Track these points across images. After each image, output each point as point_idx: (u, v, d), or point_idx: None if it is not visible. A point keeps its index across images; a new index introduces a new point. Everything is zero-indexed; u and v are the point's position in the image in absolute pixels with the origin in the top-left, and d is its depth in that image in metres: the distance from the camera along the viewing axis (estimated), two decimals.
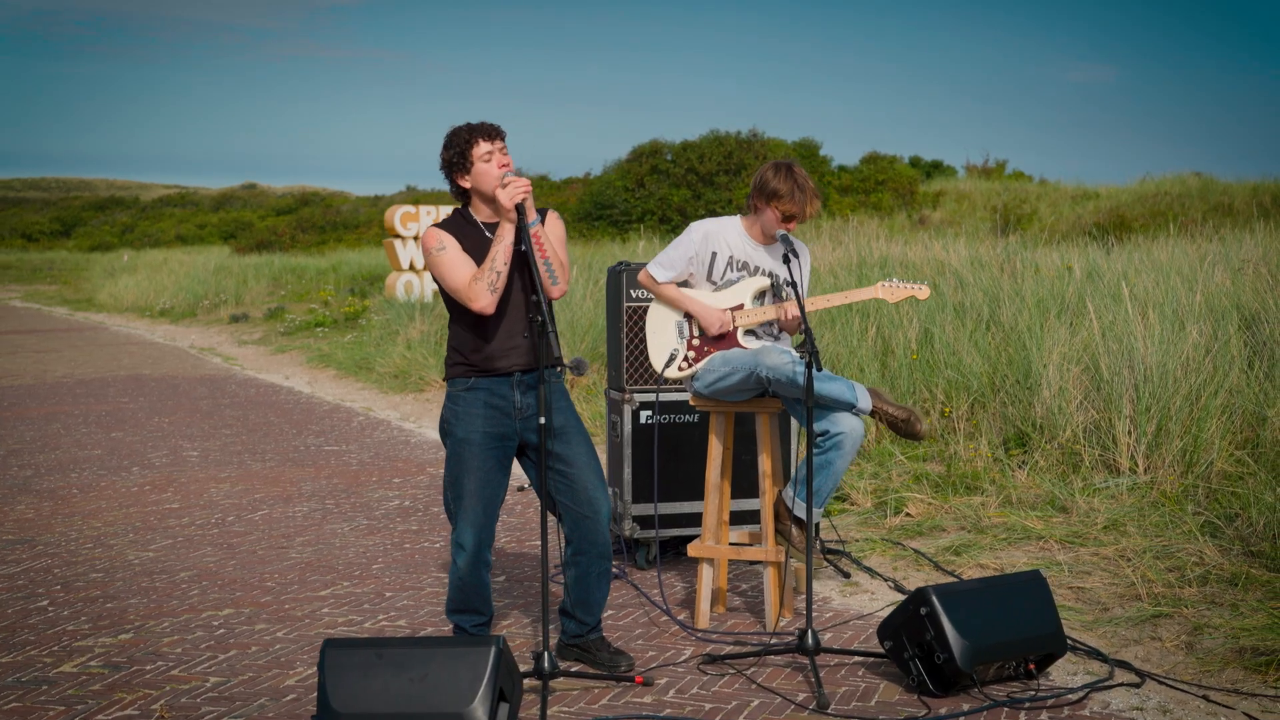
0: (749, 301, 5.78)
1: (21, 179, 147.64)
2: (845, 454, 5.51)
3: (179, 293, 26.65)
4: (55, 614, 6.20)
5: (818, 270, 13.14)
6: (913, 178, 35.58)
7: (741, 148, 34.57)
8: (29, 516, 8.30)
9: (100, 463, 10.06)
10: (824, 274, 12.97)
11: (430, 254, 5.03)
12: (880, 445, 8.62)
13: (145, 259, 36.55)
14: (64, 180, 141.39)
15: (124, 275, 31.50)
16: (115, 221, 67.14)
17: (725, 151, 34.26)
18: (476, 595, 5.25)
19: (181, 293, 26.61)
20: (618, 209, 33.52)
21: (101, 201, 78.62)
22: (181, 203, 73.60)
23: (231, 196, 74.03)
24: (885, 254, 14.26)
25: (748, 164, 34.12)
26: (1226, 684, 5.06)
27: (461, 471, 5.10)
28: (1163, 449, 7.52)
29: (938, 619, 4.88)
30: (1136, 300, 9.12)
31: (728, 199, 33.18)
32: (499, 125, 5.08)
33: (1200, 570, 6.13)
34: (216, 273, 28.04)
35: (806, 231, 18.14)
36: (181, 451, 10.50)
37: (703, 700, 4.95)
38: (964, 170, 39.41)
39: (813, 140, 36.70)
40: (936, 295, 10.80)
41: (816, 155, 36.28)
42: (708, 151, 34.25)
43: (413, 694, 4.26)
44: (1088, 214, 30.53)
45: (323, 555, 7.18)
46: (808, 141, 36.66)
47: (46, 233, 67.71)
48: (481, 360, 5.08)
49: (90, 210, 73.74)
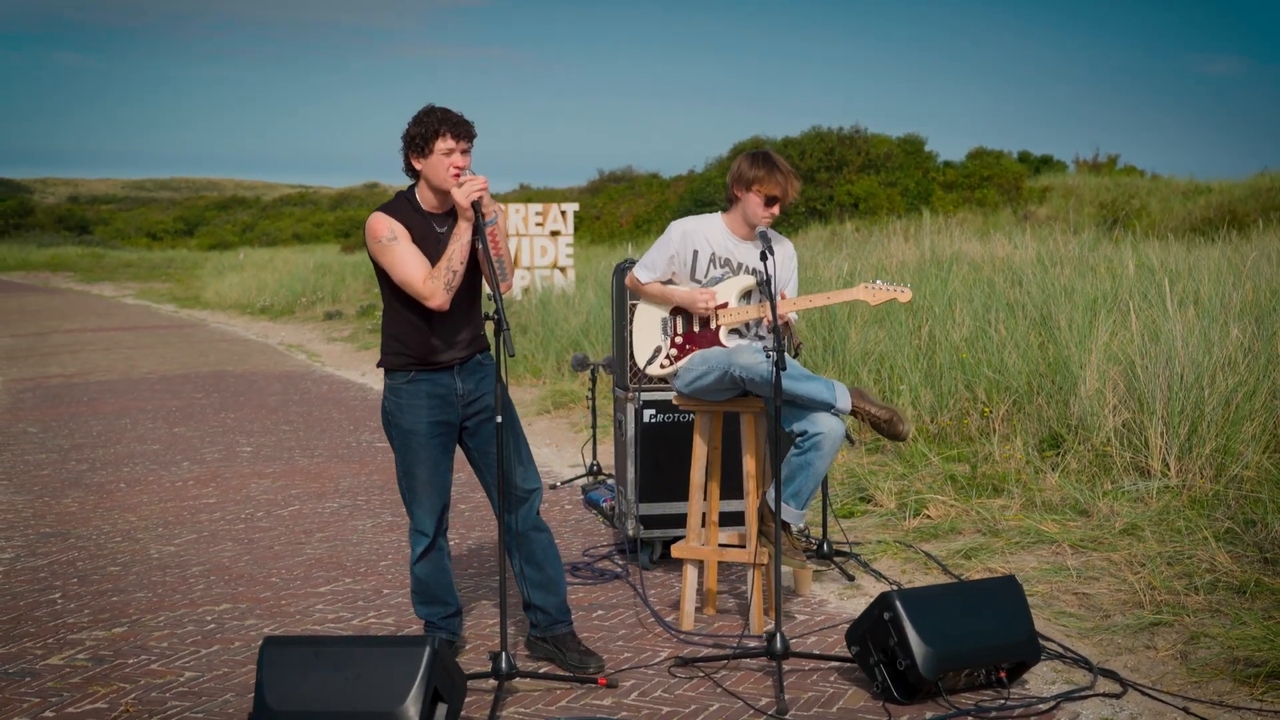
0: (734, 300, 5.71)
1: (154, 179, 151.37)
2: (824, 454, 5.41)
3: (280, 290, 27.05)
4: (63, 606, 6.31)
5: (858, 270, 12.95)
6: (1019, 173, 34.97)
7: (843, 144, 34.29)
8: (72, 510, 8.46)
9: (154, 458, 10.24)
10: (882, 272, 12.77)
11: (380, 242, 5.00)
12: (915, 446, 8.46)
13: (254, 257, 37.24)
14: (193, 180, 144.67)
15: (230, 273, 32.07)
16: (236, 221, 68.53)
17: (827, 148, 34.00)
18: (439, 585, 5.28)
19: (282, 290, 27.00)
20: (717, 206, 33.36)
21: (225, 201, 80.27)
22: (301, 202, 74.89)
23: (350, 196, 75.13)
24: (957, 251, 14.04)
25: (849, 160, 33.85)
26: (1213, 696, 4.90)
27: (413, 462, 5.16)
28: (1194, 451, 7.29)
29: (901, 624, 4.77)
30: (1191, 298, 8.87)
31: (828, 195, 32.94)
32: (472, 125, 5.06)
33: (1210, 577, 5.94)
34: (317, 270, 28.41)
35: (882, 222, 17.94)
36: (236, 447, 10.65)
37: (663, 704, 4.89)
38: (1074, 165, 38.69)
39: (917, 136, 36.28)
40: (991, 294, 10.61)
41: (921, 151, 35.83)
42: (809, 148, 34.02)
43: (347, 693, 4.26)
44: (1198, 209, 29.79)
45: (336, 551, 7.22)
46: (912, 137, 36.23)
47: (170, 231, 69.24)
48: (426, 353, 5.09)
49: (213, 209, 75.32)
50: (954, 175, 35.07)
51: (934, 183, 34.55)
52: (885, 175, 33.96)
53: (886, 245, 15.77)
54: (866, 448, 8.84)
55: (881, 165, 34.23)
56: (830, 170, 33.67)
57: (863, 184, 33.07)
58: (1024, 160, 39.64)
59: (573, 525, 7.79)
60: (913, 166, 34.82)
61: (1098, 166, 37.48)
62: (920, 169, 34.98)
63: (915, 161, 35.25)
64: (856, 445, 8.51)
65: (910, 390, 9.11)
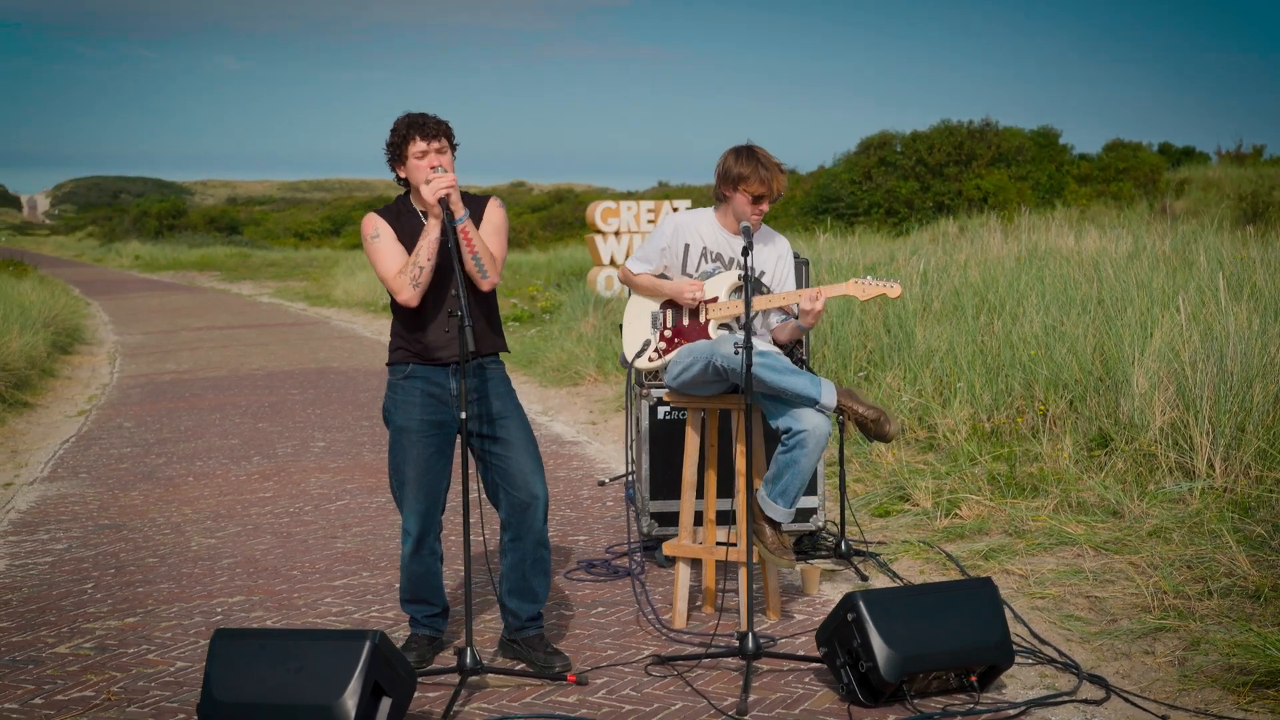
0: (724, 295, 5.66)
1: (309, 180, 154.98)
2: (809, 452, 5.34)
3: None
4: (90, 596, 6.49)
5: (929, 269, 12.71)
6: (1156, 165, 34.10)
7: (973, 138, 33.77)
8: (135, 503, 8.69)
9: (229, 452, 10.46)
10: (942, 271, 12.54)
11: (365, 240, 5.13)
12: (963, 444, 8.29)
13: None
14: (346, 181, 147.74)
15: (361, 271, 32.55)
16: None
17: (955, 142, 33.52)
18: (426, 585, 5.31)
19: None
20: (843, 202, 33.13)
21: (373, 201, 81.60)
22: None
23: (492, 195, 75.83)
24: (1050, 247, 13.74)
25: (979, 154, 33.31)
26: (1199, 704, 4.74)
27: (402, 460, 5.20)
28: (1242, 450, 7.04)
29: (864, 625, 4.69)
30: (1259, 293, 8.57)
31: (956, 190, 32.48)
32: (444, 123, 5.11)
33: (1227, 582, 5.73)
34: None
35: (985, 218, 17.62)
36: (310, 443, 10.84)
37: (627, 701, 4.88)
38: (1215, 157, 37.59)
39: (1051, 128, 35.57)
40: (1066, 290, 10.36)
41: (1055, 144, 35.13)
42: (937, 142, 33.57)
43: (289, 685, 4.32)
44: None
45: (365, 546, 7.32)
46: (1046, 129, 35.54)
47: (317, 231, 70.66)
48: (422, 349, 5.14)
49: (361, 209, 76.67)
50: (1088, 168, 34.32)
51: (1068, 176, 33.85)
52: (1016, 169, 33.36)
53: (985, 240, 15.48)
54: (920, 446, 8.70)
55: (1012, 159, 33.63)
56: (959, 164, 33.18)
57: (992, 178, 32.53)
58: (1164, 152, 38.70)
59: (608, 522, 7.78)
60: (1045, 160, 34.16)
61: (1241, 158, 36.35)
62: (1053, 162, 34.30)
63: (1048, 155, 34.57)
64: (896, 442, 8.38)
65: (968, 387, 8.93)
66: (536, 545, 5.22)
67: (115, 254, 58.14)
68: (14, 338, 15.25)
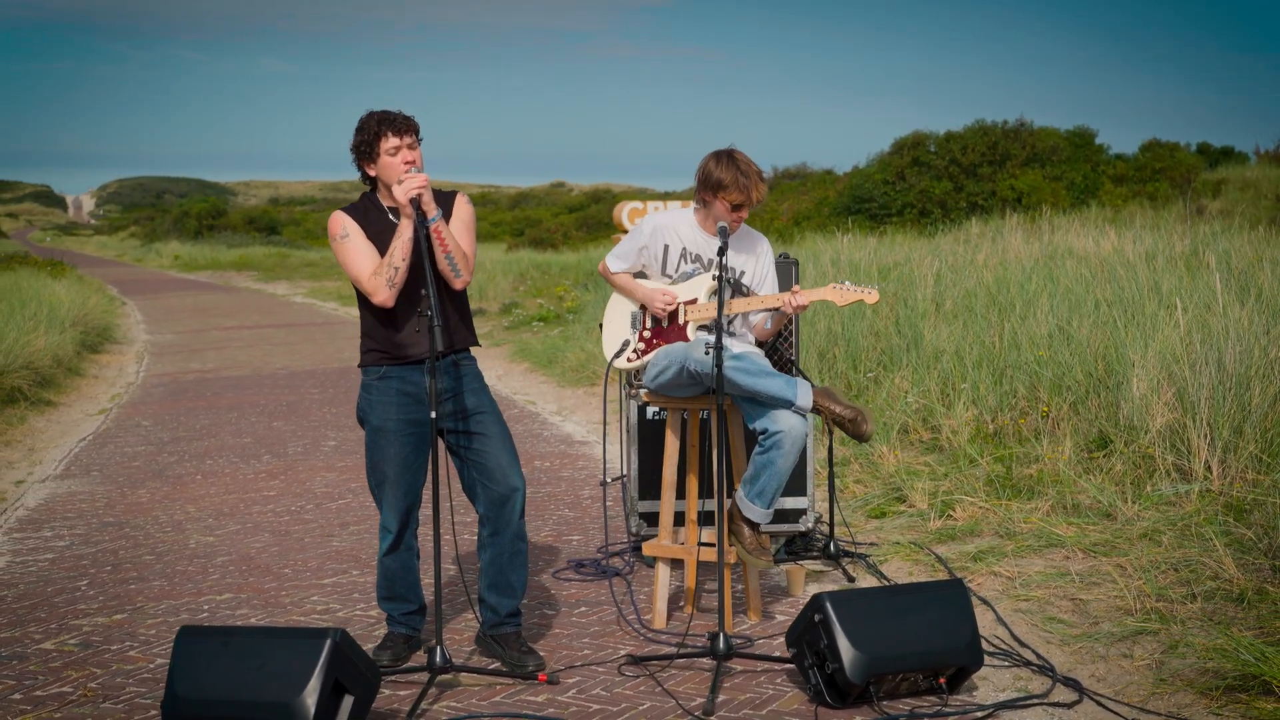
0: (703, 296, 5.65)
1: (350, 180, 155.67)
2: (786, 453, 5.32)
3: None
4: (83, 593, 6.54)
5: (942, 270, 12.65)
6: (1193, 165, 33.79)
7: (1007, 138, 33.54)
8: (142, 500, 8.76)
9: (240, 451, 10.53)
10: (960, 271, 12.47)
11: (334, 241, 5.13)
12: (971, 445, 8.25)
13: None
14: None
15: None
16: None
17: (990, 142, 33.29)
18: (403, 583, 5.34)
19: None
20: (876, 202, 33.00)
21: None
22: (482, 201, 76.07)
23: (530, 195, 76.13)
24: (1069, 247, 13.65)
25: (1013, 154, 33.10)
26: (1170, 708, 4.71)
27: (380, 459, 5.23)
28: (1236, 454, 6.98)
29: (830, 626, 4.68)
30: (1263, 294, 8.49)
31: (990, 190, 32.29)
32: (412, 118, 5.13)
33: (1211, 585, 5.68)
34: None
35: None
36: (321, 441, 10.89)
37: (596, 701, 4.88)
38: (1254, 157, 37.20)
39: (1087, 128, 35.27)
40: (1078, 291, 10.30)
41: (1091, 144, 34.84)
42: (971, 142, 33.37)
43: (250, 682, 4.34)
44: None
45: (360, 544, 7.34)
46: (1082, 129, 35.26)
47: None
48: (394, 348, 5.16)
49: None
50: (1124, 168, 34.05)
51: (1103, 176, 33.59)
52: (1051, 169, 33.13)
53: (1006, 241, 15.40)
54: (923, 447, 8.66)
55: (1047, 159, 33.41)
56: (993, 165, 32.98)
57: (1026, 178, 32.33)
58: (1203, 152, 38.30)
59: (608, 520, 7.78)
60: (1080, 160, 33.92)
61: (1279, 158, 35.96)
62: (1089, 162, 34.04)
63: (1084, 155, 34.30)
64: (899, 443, 8.35)
65: (972, 388, 8.89)
66: (514, 539, 5.24)
67: (155, 254, 58.54)
68: (40, 336, 15.38)
